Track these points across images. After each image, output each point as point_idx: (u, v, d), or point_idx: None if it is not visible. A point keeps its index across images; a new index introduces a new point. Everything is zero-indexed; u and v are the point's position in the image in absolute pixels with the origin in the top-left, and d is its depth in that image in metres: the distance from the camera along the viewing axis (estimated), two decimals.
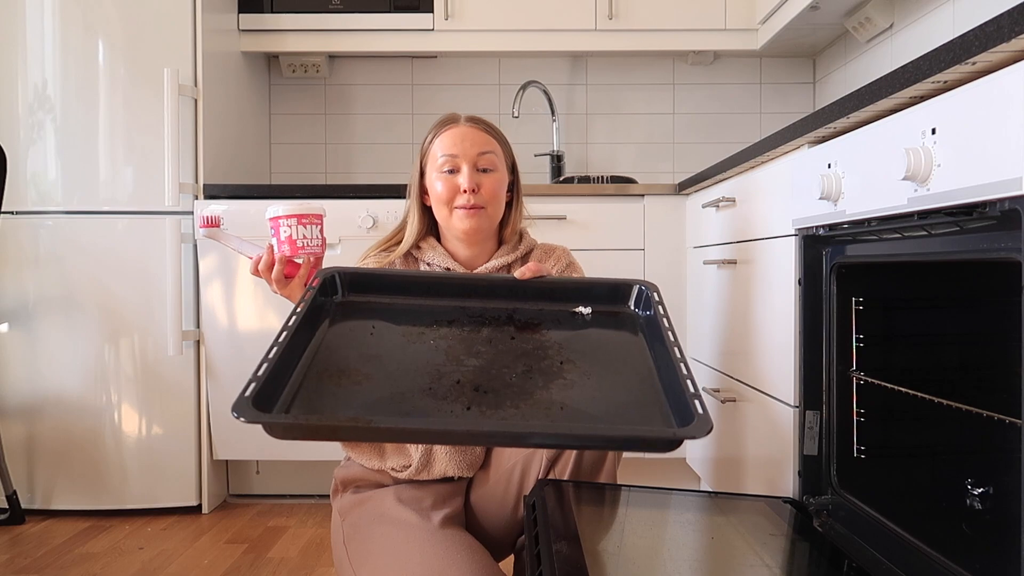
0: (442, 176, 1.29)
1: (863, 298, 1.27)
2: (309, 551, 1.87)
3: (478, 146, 1.30)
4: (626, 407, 0.92)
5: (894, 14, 2.17)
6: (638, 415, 0.90)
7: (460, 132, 1.31)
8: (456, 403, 0.89)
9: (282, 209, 1.17)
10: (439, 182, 1.30)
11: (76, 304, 2.11)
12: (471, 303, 1.14)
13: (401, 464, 1.29)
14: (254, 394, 0.82)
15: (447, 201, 1.29)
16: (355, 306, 1.12)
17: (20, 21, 2.11)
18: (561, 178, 2.66)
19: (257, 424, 0.79)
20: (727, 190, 1.77)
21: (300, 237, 1.17)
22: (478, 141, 1.30)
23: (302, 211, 1.17)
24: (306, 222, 1.17)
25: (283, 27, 2.52)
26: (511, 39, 2.53)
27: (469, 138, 1.30)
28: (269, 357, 0.90)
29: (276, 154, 2.84)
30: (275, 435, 0.81)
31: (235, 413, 0.78)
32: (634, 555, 1.06)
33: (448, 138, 1.31)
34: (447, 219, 1.31)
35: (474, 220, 1.29)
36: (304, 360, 0.96)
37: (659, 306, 1.09)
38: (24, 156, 2.12)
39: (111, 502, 2.14)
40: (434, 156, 1.31)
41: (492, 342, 1.04)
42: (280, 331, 0.96)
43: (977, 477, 1.21)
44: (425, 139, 1.35)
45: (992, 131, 0.81)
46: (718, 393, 1.79)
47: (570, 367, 0.98)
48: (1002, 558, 0.91)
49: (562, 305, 1.15)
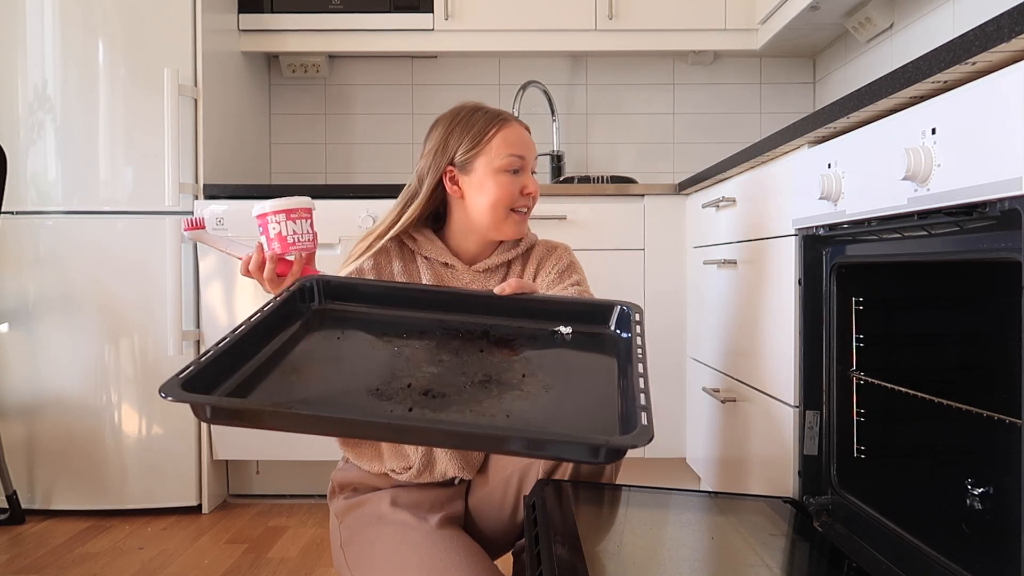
0: (506, 175, 1.26)
1: (863, 298, 1.27)
2: (309, 551, 1.87)
3: (535, 151, 1.31)
4: (574, 419, 0.89)
5: (894, 14, 2.17)
6: (584, 427, 0.87)
7: (523, 133, 1.28)
8: (400, 404, 0.87)
9: (269, 205, 1.12)
10: (501, 181, 1.25)
11: (76, 304, 2.11)
12: (450, 317, 1.12)
13: (401, 466, 1.29)
14: (189, 376, 0.81)
15: (510, 202, 1.26)
16: (331, 313, 1.11)
17: (20, 21, 2.11)
18: (561, 178, 2.66)
19: (184, 404, 0.78)
20: (727, 190, 1.77)
21: (290, 233, 1.12)
22: (533, 146, 1.31)
23: (290, 206, 1.12)
24: (295, 217, 1.12)
25: (283, 27, 2.51)
26: (511, 39, 2.53)
27: (529, 141, 1.29)
28: (218, 345, 0.88)
29: (276, 154, 2.84)
30: (200, 417, 0.80)
31: (162, 393, 0.77)
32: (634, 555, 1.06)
33: (514, 136, 1.27)
34: (500, 221, 1.26)
35: (525, 224, 1.30)
36: (260, 356, 0.94)
37: (637, 326, 1.06)
38: (24, 156, 2.12)
39: (111, 502, 2.14)
40: (496, 151, 1.25)
41: (458, 353, 1.02)
42: (239, 324, 0.94)
43: (977, 477, 1.21)
44: (464, 128, 1.27)
45: (992, 131, 0.81)
46: (718, 393, 1.79)
47: (531, 380, 0.96)
48: (1002, 558, 0.91)
49: (542, 323, 1.11)
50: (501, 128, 1.27)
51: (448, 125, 1.29)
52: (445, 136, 1.29)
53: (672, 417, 2.17)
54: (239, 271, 1.16)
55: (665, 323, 2.14)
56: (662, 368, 2.16)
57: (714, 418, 1.88)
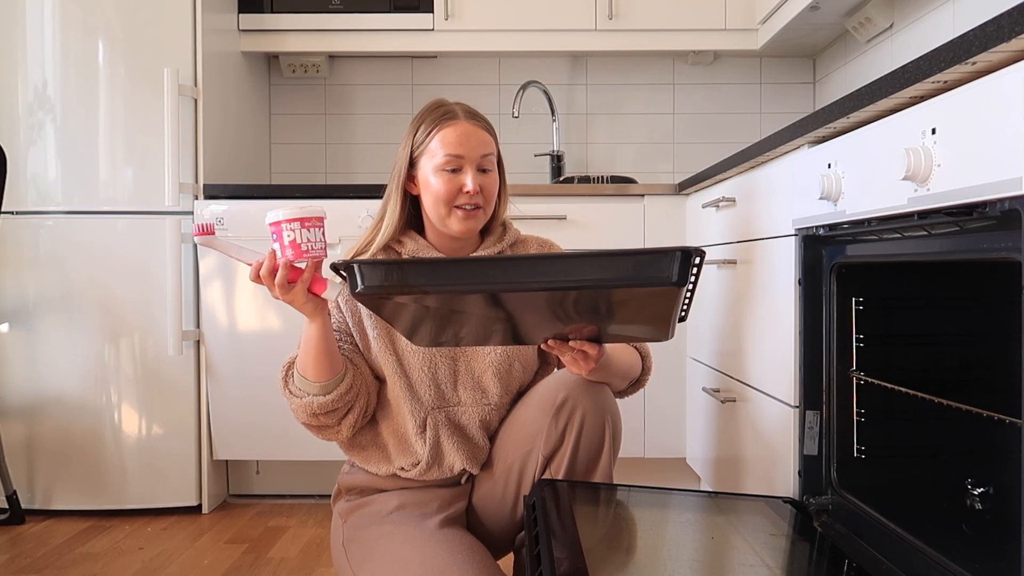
0: (443, 174, 1.26)
1: (863, 298, 1.27)
2: (309, 551, 1.87)
3: (481, 147, 1.28)
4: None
5: (894, 14, 2.17)
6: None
7: (464, 131, 1.27)
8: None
9: (283, 213, 1.12)
10: (439, 179, 1.26)
11: (76, 304, 2.11)
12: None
13: (410, 462, 1.29)
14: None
15: (448, 200, 1.26)
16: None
17: (20, 21, 2.11)
18: (561, 178, 2.66)
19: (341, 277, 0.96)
20: (727, 190, 1.77)
21: (304, 241, 1.12)
22: (482, 142, 1.28)
23: (305, 214, 1.12)
24: (309, 225, 1.12)
25: (283, 27, 2.51)
26: (511, 39, 2.53)
27: (474, 138, 1.27)
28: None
29: (276, 154, 2.84)
30: (352, 290, 0.96)
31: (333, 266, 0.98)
32: (634, 555, 1.06)
33: (452, 135, 1.26)
34: (444, 217, 1.27)
35: (472, 221, 1.28)
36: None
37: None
38: (24, 156, 2.12)
39: (111, 502, 2.14)
40: (434, 151, 1.27)
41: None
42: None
43: (977, 477, 1.21)
44: (418, 127, 1.30)
45: (992, 131, 0.81)
46: (718, 393, 1.79)
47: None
48: (1002, 558, 0.91)
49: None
50: (442, 127, 1.28)
51: (410, 125, 1.33)
52: (406, 135, 1.33)
53: (672, 417, 2.17)
54: (248, 276, 1.15)
55: None
56: (662, 368, 2.15)
57: (714, 418, 1.88)
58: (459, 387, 1.29)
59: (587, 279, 0.92)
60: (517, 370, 1.31)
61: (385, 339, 1.28)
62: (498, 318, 1.05)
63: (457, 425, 1.29)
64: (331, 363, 1.21)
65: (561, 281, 0.93)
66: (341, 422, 1.26)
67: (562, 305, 1.00)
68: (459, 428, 1.29)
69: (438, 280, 0.94)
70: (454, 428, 1.28)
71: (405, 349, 1.28)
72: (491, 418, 1.30)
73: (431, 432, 1.26)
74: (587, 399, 1.22)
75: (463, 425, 1.29)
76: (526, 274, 0.93)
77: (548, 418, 1.22)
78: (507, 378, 1.30)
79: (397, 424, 1.30)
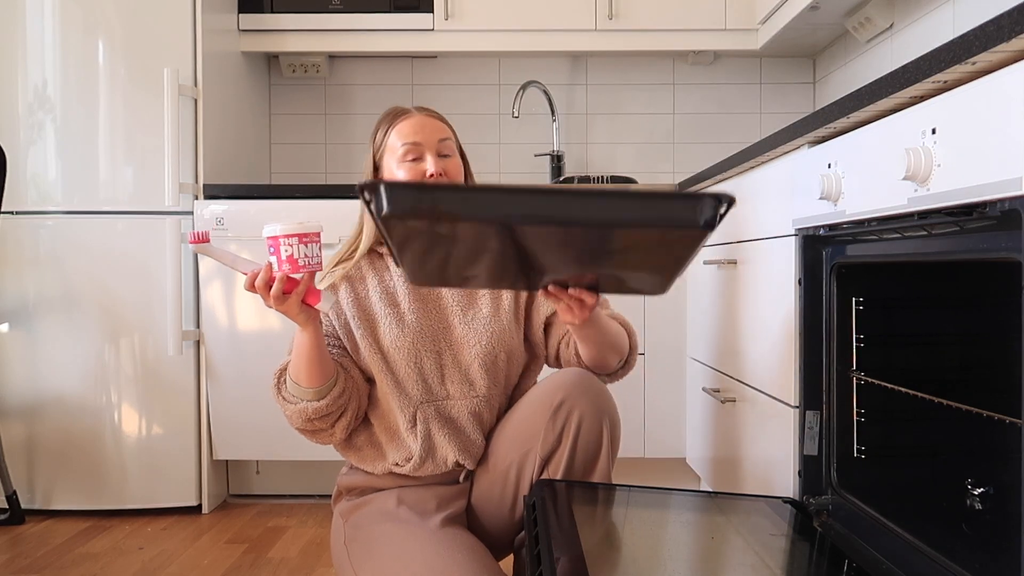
0: (405, 165, 1.29)
1: (863, 298, 1.27)
2: (309, 551, 1.87)
3: (437, 133, 1.31)
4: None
5: (894, 14, 2.17)
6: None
7: (418, 121, 1.31)
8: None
9: (281, 228, 1.14)
10: (402, 171, 1.29)
11: (76, 304, 2.11)
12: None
13: (403, 457, 1.29)
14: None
15: None
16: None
17: (20, 21, 2.11)
18: (561, 178, 2.66)
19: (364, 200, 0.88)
20: (727, 190, 1.77)
21: (301, 256, 1.14)
22: (436, 128, 1.32)
23: (303, 230, 1.14)
24: (307, 240, 1.14)
25: (283, 27, 2.51)
26: (511, 39, 2.53)
27: (428, 126, 1.31)
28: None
29: (276, 154, 2.84)
30: (390, 205, 0.87)
31: (357, 184, 0.89)
32: (634, 555, 1.06)
33: (407, 127, 1.30)
34: None
35: None
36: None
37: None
38: (24, 156, 2.12)
39: (111, 502, 2.14)
40: (393, 147, 1.30)
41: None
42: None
43: (977, 477, 1.21)
44: (376, 134, 1.34)
45: (992, 131, 0.81)
46: (718, 393, 1.79)
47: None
48: (1002, 558, 0.91)
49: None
50: (394, 124, 1.32)
51: (370, 137, 1.37)
52: (368, 146, 1.37)
53: (672, 417, 2.17)
54: (243, 285, 1.16)
55: (665, 323, 2.14)
56: (662, 368, 2.16)
57: (714, 418, 1.88)
58: (446, 381, 1.30)
59: (623, 218, 0.91)
60: (503, 361, 1.31)
61: (370, 338, 1.29)
62: (514, 257, 1.03)
63: (447, 418, 1.29)
64: (323, 369, 1.22)
65: (597, 219, 0.91)
66: (335, 425, 1.28)
67: (586, 241, 0.99)
68: (450, 421, 1.29)
69: (471, 207, 0.91)
70: (444, 421, 1.28)
71: (390, 347, 1.28)
72: (481, 410, 1.30)
73: (422, 426, 1.27)
74: (585, 401, 1.22)
75: (453, 418, 1.29)
76: (565, 208, 0.91)
77: (546, 419, 1.22)
78: (493, 370, 1.31)
79: (389, 421, 1.31)
